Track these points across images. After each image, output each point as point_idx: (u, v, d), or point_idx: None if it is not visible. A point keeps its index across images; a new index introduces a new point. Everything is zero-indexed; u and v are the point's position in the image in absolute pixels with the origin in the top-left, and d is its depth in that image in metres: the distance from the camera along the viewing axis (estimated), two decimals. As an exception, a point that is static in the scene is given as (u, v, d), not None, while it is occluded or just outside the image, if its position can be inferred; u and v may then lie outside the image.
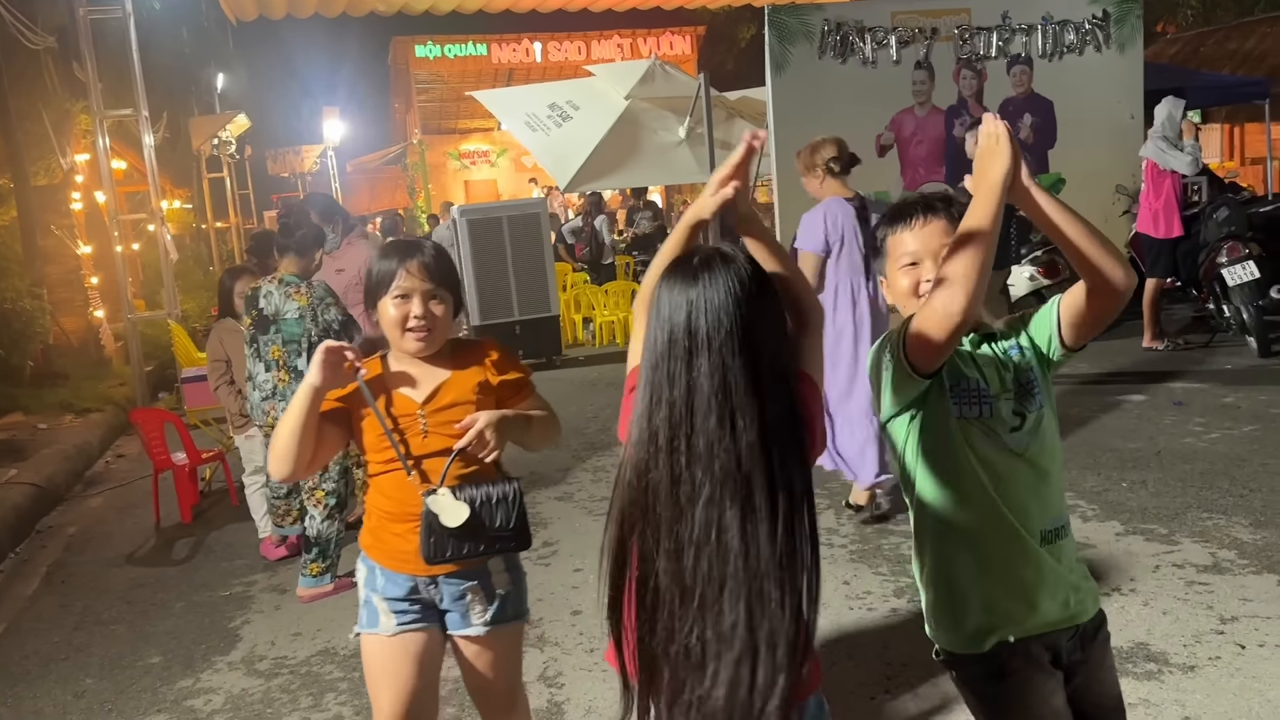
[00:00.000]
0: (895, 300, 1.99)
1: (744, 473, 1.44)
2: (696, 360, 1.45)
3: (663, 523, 1.47)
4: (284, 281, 4.42)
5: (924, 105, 10.28)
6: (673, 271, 1.53)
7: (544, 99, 11.83)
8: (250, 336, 4.49)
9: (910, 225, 1.94)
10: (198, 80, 22.35)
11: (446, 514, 2.21)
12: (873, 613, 3.76)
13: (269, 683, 3.69)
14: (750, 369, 1.45)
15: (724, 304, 1.46)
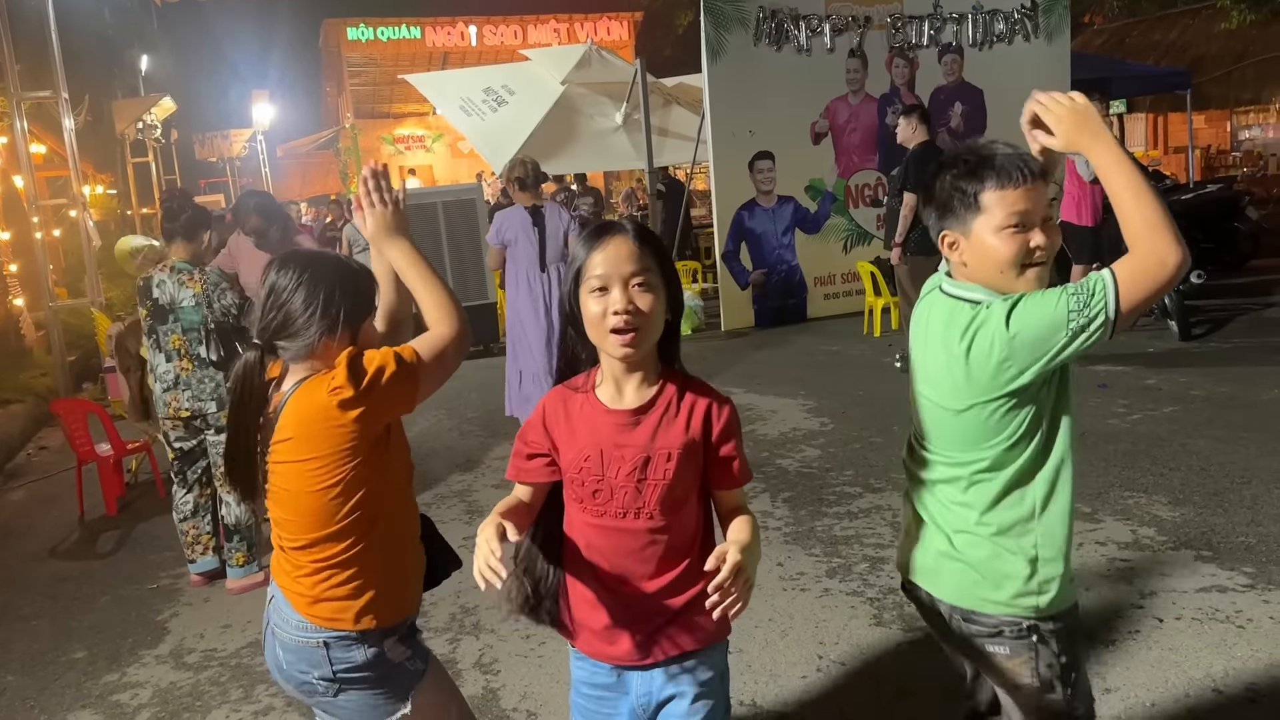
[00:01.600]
0: (985, 264, 1.82)
1: None
2: None
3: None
4: (176, 269, 4.33)
5: (858, 93, 10.42)
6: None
7: (479, 83, 11.74)
8: (149, 328, 4.37)
9: (1016, 185, 1.79)
10: (121, 62, 21.70)
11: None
12: (805, 593, 3.81)
13: (198, 675, 3.62)
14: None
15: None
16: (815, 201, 10.21)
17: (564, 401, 1.86)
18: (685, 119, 11.47)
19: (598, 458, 1.79)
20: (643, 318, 1.72)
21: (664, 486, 1.76)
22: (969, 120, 10.89)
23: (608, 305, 1.72)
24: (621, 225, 1.81)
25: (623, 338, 1.72)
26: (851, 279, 10.22)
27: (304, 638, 1.96)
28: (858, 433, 5.90)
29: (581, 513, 1.83)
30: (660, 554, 1.80)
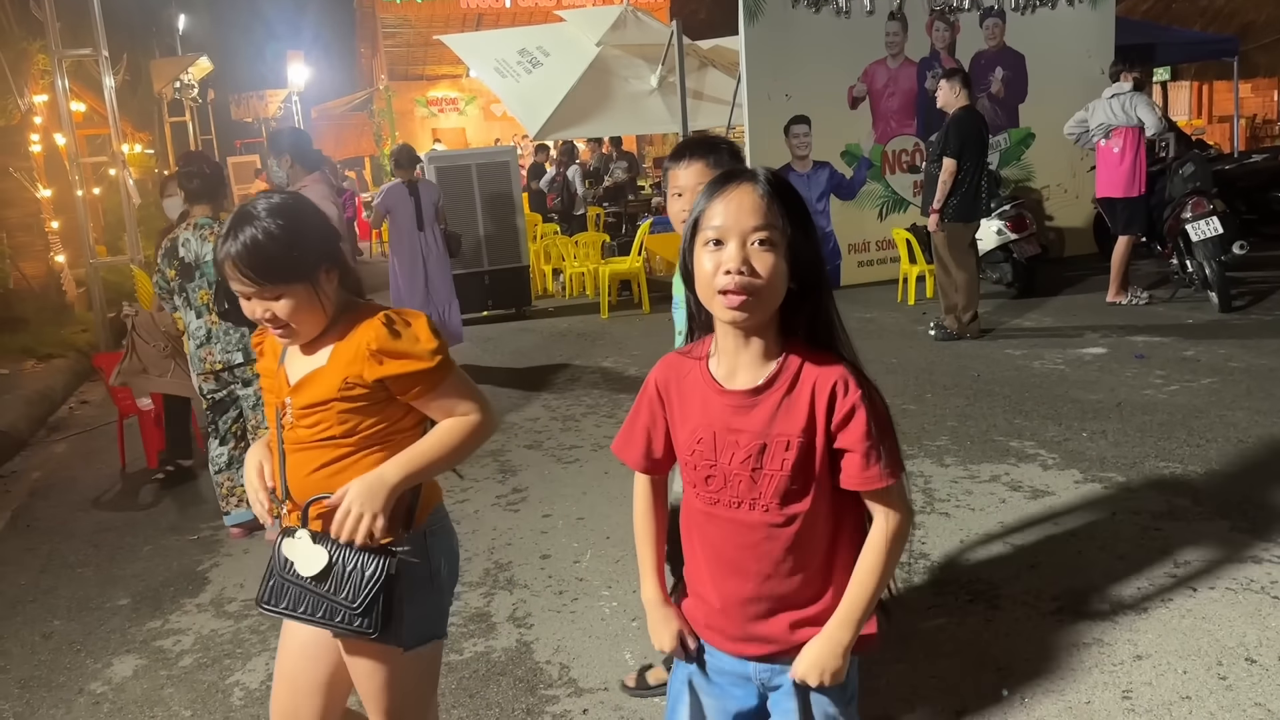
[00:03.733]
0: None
1: None
2: None
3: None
4: (198, 225, 4.40)
5: (897, 57, 10.28)
6: None
7: (514, 45, 11.68)
8: (178, 286, 4.44)
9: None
10: (159, 21, 21.79)
11: (301, 560, 1.89)
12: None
13: (238, 624, 3.71)
14: None
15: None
16: (851, 167, 10.12)
17: (676, 371, 1.69)
18: (721, 82, 11.36)
19: (710, 441, 1.61)
20: (758, 280, 1.51)
21: (782, 479, 1.57)
22: (1010, 86, 10.72)
23: (720, 262, 1.52)
24: (751, 173, 1.59)
25: (730, 299, 1.51)
26: (886, 246, 10.14)
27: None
28: (890, 400, 5.78)
29: (695, 498, 1.67)
30: (779, 552, 1.60)
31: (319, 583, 1.88)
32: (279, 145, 5.39)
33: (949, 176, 7.03)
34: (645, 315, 9.57)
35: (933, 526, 4.04)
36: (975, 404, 5.69)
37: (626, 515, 4.01)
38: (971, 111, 7.23)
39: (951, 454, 4.89)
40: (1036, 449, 4.88)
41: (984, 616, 3.29)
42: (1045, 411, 5.46)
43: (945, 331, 7.36)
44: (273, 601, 1.94)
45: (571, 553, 4.09)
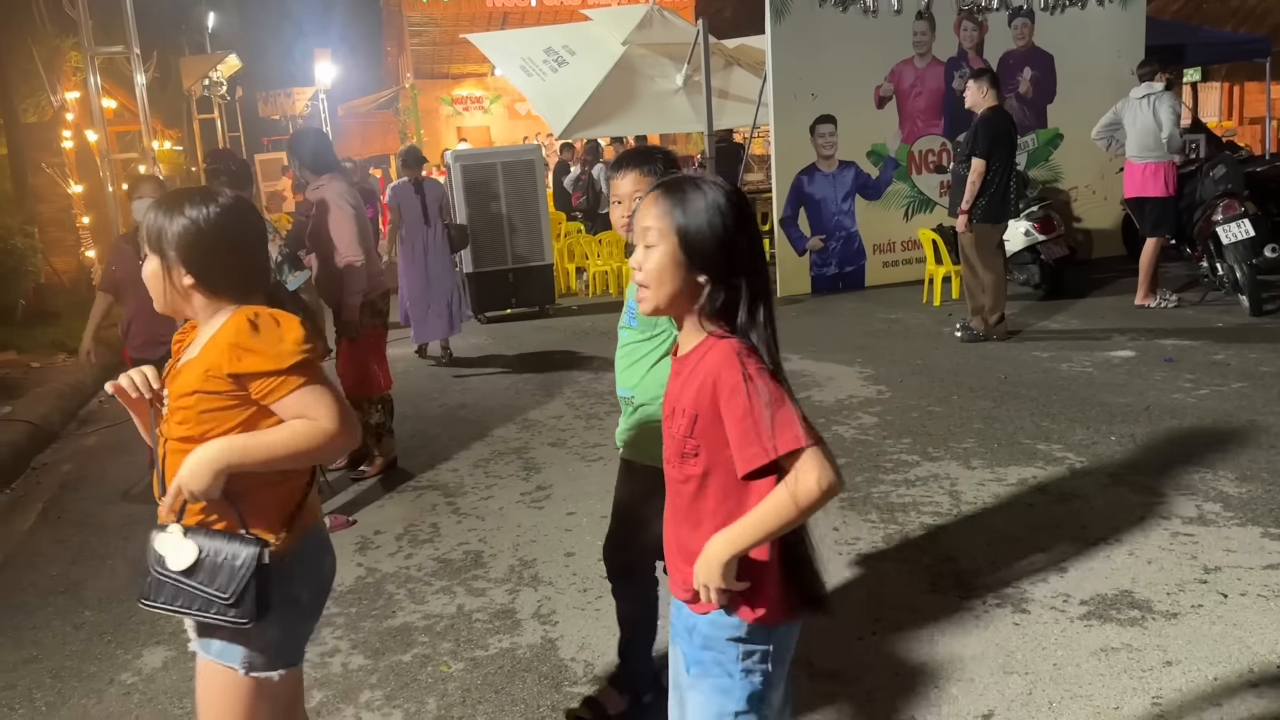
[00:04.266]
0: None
1: None
2: None
3: None
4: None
5: (924, 56, 10.22)
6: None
7: (540, 43, 11.69)
8: None
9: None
10: (189, 19, 21.98)
11: (171, 554, 1.91)
12: (861, 557, 3.81)
13: (266, 617, 3.74)
14: None
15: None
16: (877, 167, 10.07)
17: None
18: (746, 81, 11.33)
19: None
20: (643, 275, 1.73)
21: (679, 441, 1.75)
22: (1038, 86, 10.65)
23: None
24: (659, 178, 1.82)
25: (638, 292, 1.77)
26: (912, 247, 10.09)
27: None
28: (916, 401, 5.85)
29: None
30: (685, 505, 1.78)
31: (190, 575, 1.89)
32: (290, 150, 5.47)
33: (978, 177, 7.00)
34: (669, 314, 9.56)
35: (958, 529, 4.02)
36: (1002, 406, 5.66)
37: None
38: (1000, 112, 7.19)
39: (978, 456, 4.86)
40: (1064, 452, 4.84)
41: (1011, 620, 3.27)
42: (1073, 414, 5.42)
43: (971, 333, 7.32)
44: (151, 597, 1.95)
45: (596, 551, 4.08)
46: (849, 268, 10.08)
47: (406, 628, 3.57)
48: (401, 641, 3.47)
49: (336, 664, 3.35)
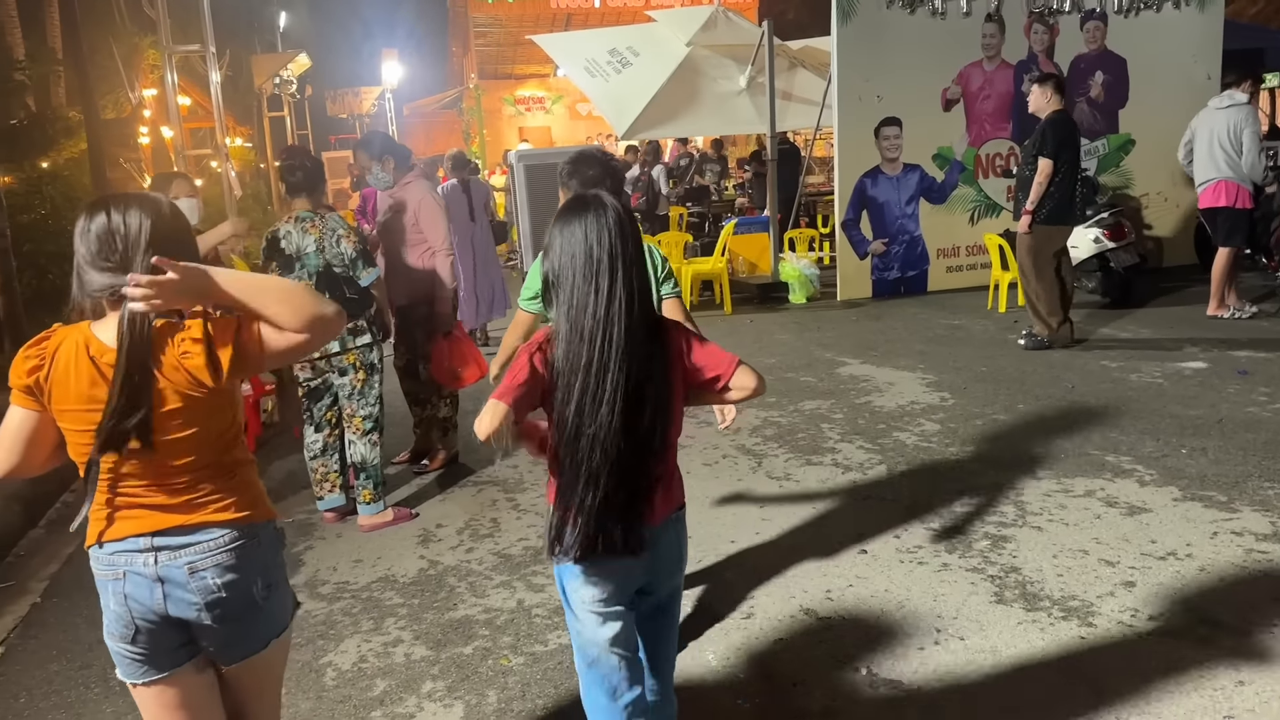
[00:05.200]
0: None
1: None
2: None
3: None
4: (299, 219, 4.50)
5: (993, 59, 10.08)
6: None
7: (604, 44, 11.75)
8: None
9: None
10: (261, 18, 22.44)
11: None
12: (923, 566, 3.77)
13: (331, 606, 3.81)
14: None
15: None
16: (943, 170, 9.95)
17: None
18: (810, 83, 11.28)
19: None
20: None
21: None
22: (1110, 90, 10.43)
23: None
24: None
25: None
26: (977, 251, 9.95)
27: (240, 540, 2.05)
28: (980, 409, 5.77)
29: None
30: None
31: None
32: (376, 149, 5.47)
33: (1045, 177, 6.90)
34: (727, 316, 9.55)
35: (1024, 539, 3.96)
36: (1069, 416, 5.56)
37: (708, 514, 4.05)
38: (1067, 116, 7.08)
39: (1044, 466, 4.78)
40: (1133, 464, 4.74)
41: (1078, 633, 3.22)
42: (1142, 426, 5.30)
43: (1036, 340, 7.20)
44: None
45: (654, 550, 4.11)
46: (911, 272, 9.97)
47: (467, 620, 3.62)
48: (463, 634, 3.52)
49: (399, 654, 3.40)
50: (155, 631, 1.99)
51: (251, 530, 2.03)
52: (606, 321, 2.01)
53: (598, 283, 2.02)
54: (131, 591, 1.97)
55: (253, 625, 2.05)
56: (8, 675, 3.45)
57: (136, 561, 1.97)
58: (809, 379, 6.80)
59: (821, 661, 3.14)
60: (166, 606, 1.97)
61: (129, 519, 1.97)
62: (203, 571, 1.97)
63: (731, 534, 4.22)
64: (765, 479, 4.86)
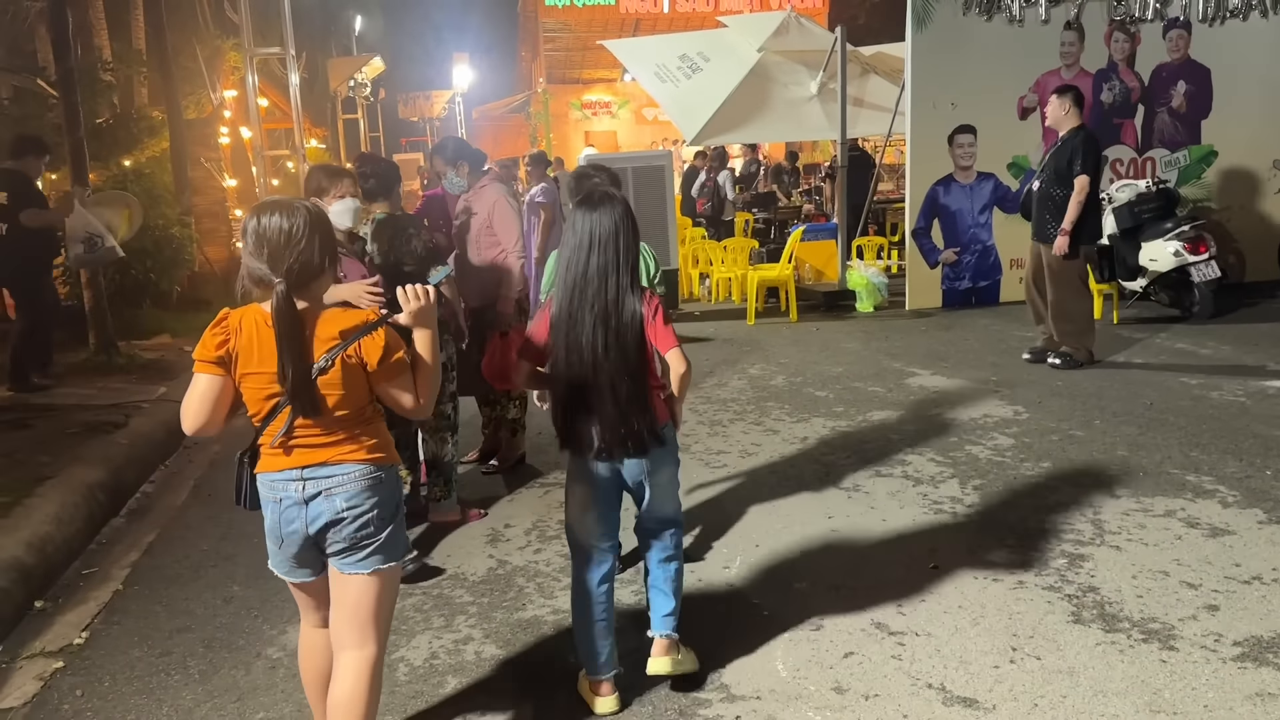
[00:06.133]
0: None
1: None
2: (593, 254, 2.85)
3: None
4: (375, 220, 4.58)
5: (1071, 67, 9.89)
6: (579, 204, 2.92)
7: (674, 50, 11.77)
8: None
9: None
10: (337, 22, 22.87)
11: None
12: (998, 583, 3.71)
13: (402, 601, 3.85)
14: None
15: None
16: (1018, 179, 9.78)
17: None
18: (882, 89, 11.17)
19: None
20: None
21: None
22: (1192, 101, 10.17)
23: None
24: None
25: None
26: (1050, 263, 9.76)
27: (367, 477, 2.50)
28: (1055, 424, 5.66)
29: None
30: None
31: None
32: (449, 153, 5.52)
33: (1084, 195, 6.76)
34: (793, 323, 9.49)
35: (1102, 559, 3.87)
36: (1148, 434, 5.42)
37: (776, 523, 4.03)
38: (1089, 131, 7.04)
39: (1122, 485, 4.67)
40: (1215, 485, 4.61)
41: (1158, 657, 3.13)
42: (1224, 446, 5.15)
43: (1071, 360, 7.01)
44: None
45: (720, 558, 4.10)
46: (983, 282, 9.82)
47: (536, 621, 3.64)
48: (532, 635, 3.54)
49: (470, 652, 3.43)
50: (297, 544, 2.51)
51: (376, 468, 2.49)
52: (584, 280, 2.84)
53: (589, 252, 2.84)
54: (284, 512, 2.49)
55: (368, 545, 2.49)
56: (92, 660, 3.55)
57: (290, 489, 2.48)
58: (877, 389, 6.73)
59: (894, 676, 3.10)
60: (307, 527, 2.47)
61: (288, 456, 2.47)
62: (335, 495, 2.45)
63: (800, 543, 4.19)
64: (834, 489, 4.82)
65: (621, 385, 2.83)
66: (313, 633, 2.76)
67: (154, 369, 7.64)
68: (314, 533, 2.47)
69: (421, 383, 2.50)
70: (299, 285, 2.34)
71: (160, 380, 7.25)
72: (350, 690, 2.51)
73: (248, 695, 3.24)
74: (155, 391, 6.90)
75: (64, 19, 7.51)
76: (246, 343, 2.38)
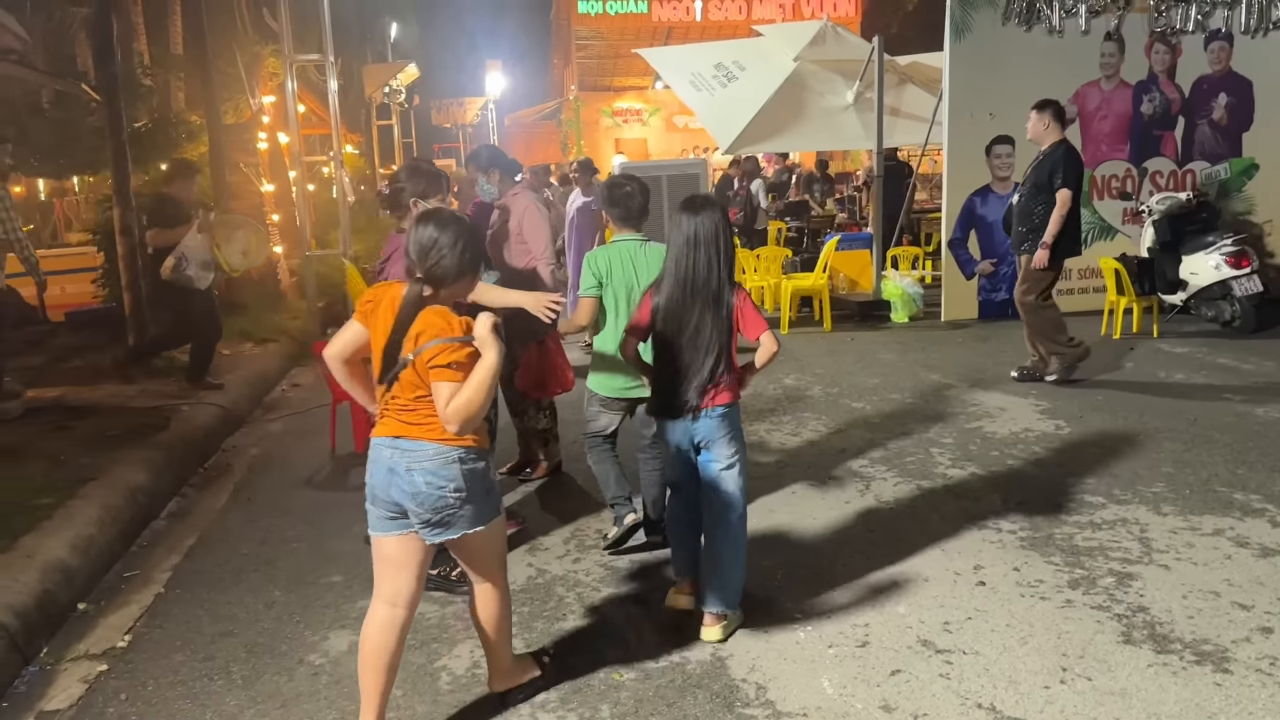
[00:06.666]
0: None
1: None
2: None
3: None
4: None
5: (1111, 79, 9.80)
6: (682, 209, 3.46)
7: (710, 59, 11.75)
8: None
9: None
10: (373, 29, 23.05)
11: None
12: (1045, 602, 3.65)
13: (443, 610, 3.86)
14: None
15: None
16: (1055, 192, 9.68)
17: None
18: (918, 99, 11.10)
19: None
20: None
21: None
22: (1234, 113, 10.05)
23: None
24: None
25: None
26: (1089, 275, 9.66)
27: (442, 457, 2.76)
28: (1098, 439, 5.58)
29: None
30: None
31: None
32: (483, 160, 5.53)
33: (1066, 209, 6.70)
34: (827, 333, 9.44)
35: (1151, 578, 3.81)
36: (1193, 450, 5.33)
37: (817, 535, 4.00)
38: (1069, 146, 6.95)
39: (1169, 502, 4.59)
40: (1264, 503, 4.53)
41: (1212, 679, 3.07)
42: (1272, 463, 5.06)
43: (1066, 371, 6.94)
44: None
45: (762, 571, 4.07)
46: (1020, 295, 9.71)
47: (577, 631, 3.63)
48: (572, 645, 3.52)
49: (511, 663, 3.42)
50: (382, 503, 2.85)
51: (453, 450, 2.76)
52: (693, 273, 3.38)
53: (695, 250, 3.37)
54: (375, 472, 2.84)
55: (448, 518, 2.79)
56: (135, 663, 3.57)
57: (384, 454, 2.81)
58: (915, 401, 6.67)
59: (942, 695, 3.05)
60: (390, 491, 2.79)
61: (386, 424, 2.81)
62: (414, 472, 2.75)
63: (841, 556, 4.15)
64: (874, 502, 4.77)
65: (712, 360, 3.37)
66: (380, 608, 2.92)
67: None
68: (399, 498, 2.78)
69: (465, 395, 2.65)
70: (433, 284, 2.75)
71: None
72: (491, 612, 3.03)
73: (291, 702, 3.25)
74: (193, 394, 6.94)
75: (108, 25, 7.61)
76: (376, 311, 2.81)
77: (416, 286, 2.73)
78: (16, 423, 6.23)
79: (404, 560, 2.89)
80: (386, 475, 2.79)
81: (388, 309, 2.77)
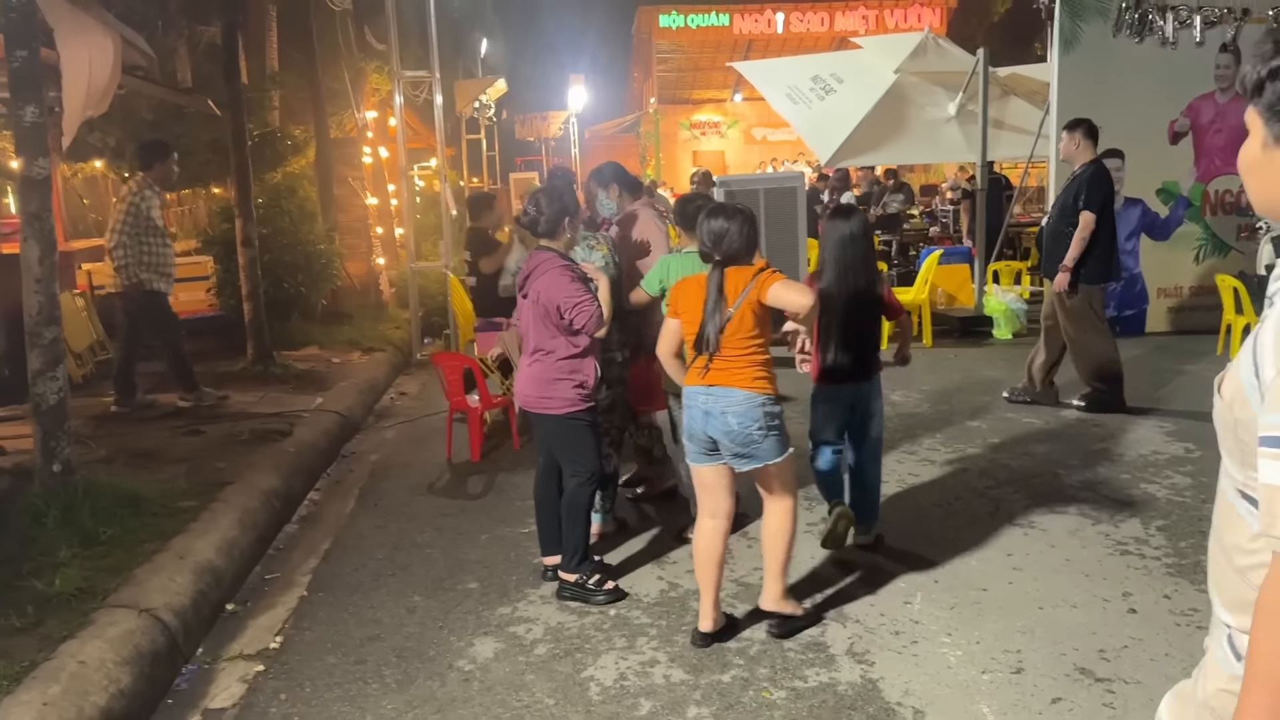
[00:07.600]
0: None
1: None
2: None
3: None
4: (584, 236, 4.66)
5: (1226, 91, 9.54)
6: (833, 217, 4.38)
7: (807, 71, 11.71)
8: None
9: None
10: (465, 45, 23.46)
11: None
12: (1203, 630, 3.54)
13: (582, 619, 3.89)
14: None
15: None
16: (1167, 205, 9.46)
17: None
18: (1022, 111, 10.93)
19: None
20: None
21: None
22: (1358, 125, 9.67)
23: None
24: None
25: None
26: (1202, 292, 9.40)
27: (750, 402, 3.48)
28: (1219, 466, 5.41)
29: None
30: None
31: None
32: (605, 176, 5.57)
33: (1088, 232, 6.42)
34: (927, 348, 9.32)
35: None
36: (1336, 476, 5.14)
37: (951, 558, 3.93)
38: (1104, 167, 6.67)
39: (1320, 530, 4.43)
40: None
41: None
42: None
43: (1093, 401, 6.67)
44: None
45: (899, 593, 4.03)
46: (1129, 311, 9.50)
47: (720, 648, 3.63)
48: (717, 661, 3.53)
49: (659, 675, 3.44)
50: (699, 440, 3.59)
51: (758, 396, 3.47)
52: (851, 265, 4.19)
53: (845, 247, 4.20)
54: (692, 414, 3.57)
55: (754, 450, 3.51)
56: (290, 665, 3.67)
57: (699, 398, 3.54)
58: (1032, 420, 6.55)
59: (1109, 724, 2.99)
60: (705, 429, 3.54)
61: (702, 375, 3.53)
62: (726, 414, 3.47)
63: (981, 580, 4.09)
64: (1007, 525, 4.69)
65: (864, 335, 4.23)
66: (706, 521, 3.67)
67: (308, 379, 7.89)
68: (714, 434, 3.50)
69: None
70: (728, 261, 3.53)
71: (315, 390, 7.49)
72: (776, 525, 3.67)
73: (446, 707, 3.30)
74: (313, 401, 7.12)
75: (235, 44, 7.88)
76: (685, 299, 3.62)
77: (717, 270, 3.51)
78: (150, 425, 6.47)
79: (719, 484, 3.62)
80: (703, 417, 3.51)
81: (696, 293, 3.54)
